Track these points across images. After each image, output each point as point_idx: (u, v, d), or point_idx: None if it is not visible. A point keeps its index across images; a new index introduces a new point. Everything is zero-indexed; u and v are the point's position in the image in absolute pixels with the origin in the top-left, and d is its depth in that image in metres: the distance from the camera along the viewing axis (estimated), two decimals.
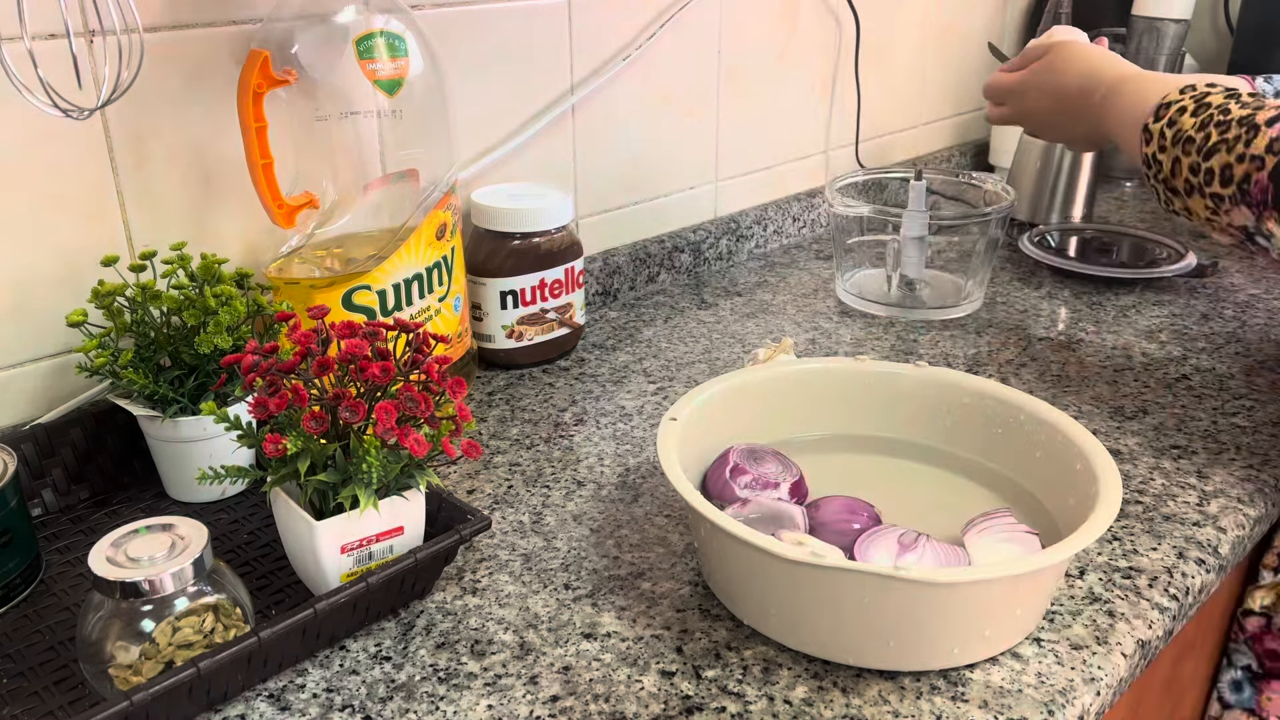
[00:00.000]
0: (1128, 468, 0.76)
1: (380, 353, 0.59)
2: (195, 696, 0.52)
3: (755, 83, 1.18)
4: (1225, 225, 0.72)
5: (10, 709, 0.53)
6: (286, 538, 0.61)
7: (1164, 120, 0.74)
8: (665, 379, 0.91)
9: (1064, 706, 0.54)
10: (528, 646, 0.58)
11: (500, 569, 0.65)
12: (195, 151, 0.76)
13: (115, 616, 0.52)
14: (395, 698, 0.55)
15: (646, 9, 1.03)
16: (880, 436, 0.75)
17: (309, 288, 0.75)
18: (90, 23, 0.67)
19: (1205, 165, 0.71)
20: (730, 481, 0.66)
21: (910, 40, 1.38)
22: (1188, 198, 0.73)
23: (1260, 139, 0.68)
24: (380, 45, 0.73)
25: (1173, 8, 1.34)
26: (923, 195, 1.01)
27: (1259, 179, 0.67)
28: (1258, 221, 0.69)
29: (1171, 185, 0.74)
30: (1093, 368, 0.92)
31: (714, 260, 1.18)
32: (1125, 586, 0.63)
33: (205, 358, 0.68)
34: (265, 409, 0.56)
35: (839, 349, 0.97)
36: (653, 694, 0.55)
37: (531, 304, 0.91)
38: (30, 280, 0.71)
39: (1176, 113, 0.74)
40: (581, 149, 1.02)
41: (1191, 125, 0.72)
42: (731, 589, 0.60)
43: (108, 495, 0.72)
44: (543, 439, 0.81)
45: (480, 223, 0.90)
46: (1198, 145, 0.71)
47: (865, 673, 0.56)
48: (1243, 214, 0.70)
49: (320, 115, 0.74)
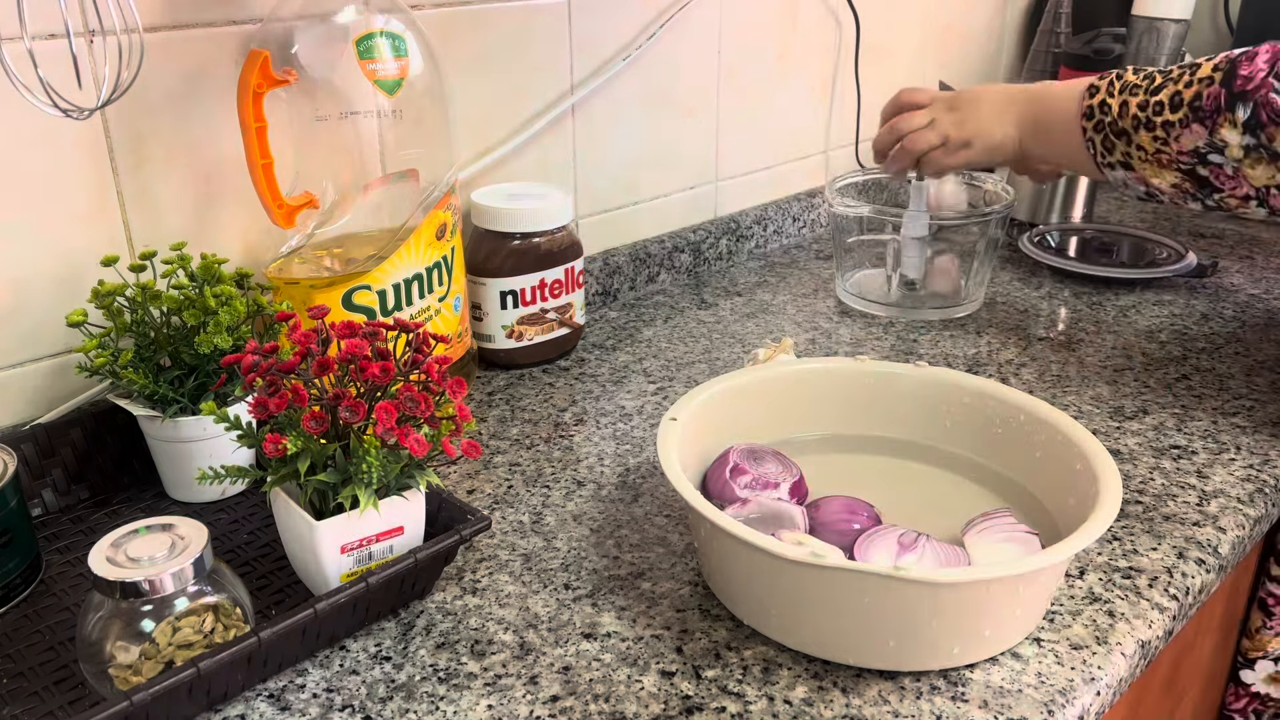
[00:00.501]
0: (1128, 468, 0.76)
1: (380, 353, 0.59)
2: (195, 696, 0.52)
3: (755, 83, 1.18)
4: (1173, 156, 0.77)
5: (10, 709, 0.53)
6: (286, 538, 0.61)
7: (1109, 77, 0.82)
8: (665, 379, 0.91)
9: (1064, 706, 0.54)
10: (528, 646, 0.58)
11: (500, 569, 0.65)
12: (195, 151, 0.76)
13: (115, 616, 0.52)
14: (395, 698, 0.55)
15: (646, 9, 1.03)
16: (880, 436, 0.75)
17: (309, 288, 0.75)
18: (90, 23, 0.67)
19: (1154, 100, 0.77)
20: (730, 481, 0.66)
21: (910, 40, 1.38)
22: (1135, 134, 0.78)
23: (1204, 67, 0.75)
24: (380, 45, 0.73)
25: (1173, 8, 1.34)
26: (923, 195, 1.01)
27: (1210, 92, 0.73)
28: (1210, 134, 0.74)
29: (1118, 128, 0.79)
30: (1093, 368, 0.92)
31: (714, 260, 1.18)
32: (1125, 586, 0.63)
33: (205, 358, 0.68)
34: (265, 409, 0.56)
35: (839, 349, 0.97)
36: (653, 694, 0.55)
37: (531, 304, 0.91)
38: (30, 280, 0.71)
39: (1120, 71, 0.82)
40: (581, 149, 1.02)
41: (1135, 77, 0.80)
42: (731, 589, 0.60)
43: (108, 495, 0.72)
44: (543, 439, 0.81)
45: (480, 223, 0.90)
46: (1144, 88, 0.78)
47: (865, 673, 0.56)
48: (1193, 133, 0.75)
49: (320, 115, 0.74)
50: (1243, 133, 0.72)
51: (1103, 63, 1.37)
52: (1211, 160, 0.75)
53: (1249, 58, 0.73)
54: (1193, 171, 0.77)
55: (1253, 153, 0.73)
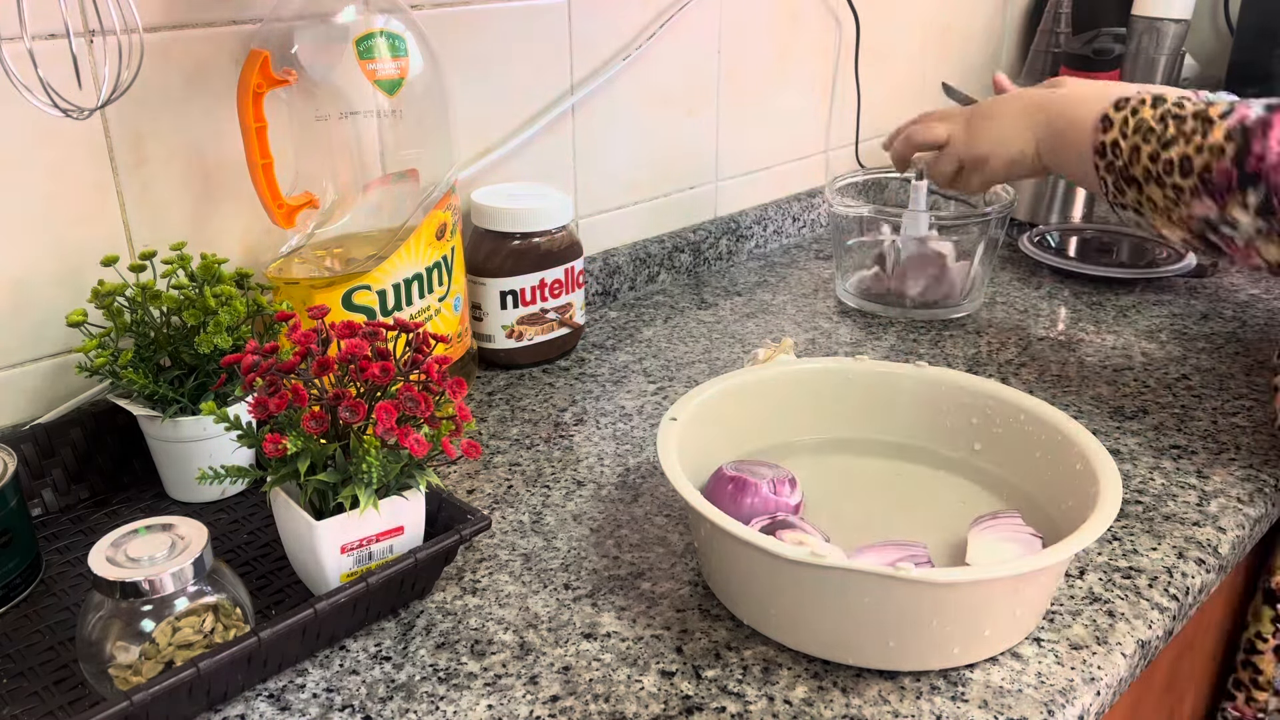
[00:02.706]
0: (1128, 468, 0.76)
1: (380, 353, 0.59)
2: (195, 696, 0.52)
3: (755, 83, 1.18)
4: (1184, 217, 0.72)
5: (10, 709, 0.53)
6: (286, 538, 0.61)
7: (1125, 109, 0.75)
8: (665, 379, 0.91)
9: (1064, 706, 0.54)
10: (528, 646, 0.58)
11: (500, 569, 0.65)
12: (195, 151, 0.76)
13: (115, 616, 0.52)
14: (395, 698, 0.55)
15: (646, 9, 1.03)
16: (880, 437, 0.75)
17: (309, 288, 0.75)
18: (90, 23, 0.67)
19: (1165, 155, 0.72)
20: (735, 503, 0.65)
21: (910, 40, 1.38)
22: (1145, 186, 0.74)
23: (1216, 130, 0.69)
24: (380, 45, 0.73)
25: (1172, 8, 1.34)
26: (923, 195, 1.01)
27: (1220, 166, 0.69)
28: (1221, 210, 0.70)
29: (1128, 174, 0.75)
30: (1093, 368, 0.92)
31: (714, 260, 1.19)
32: (1125, 586, 0.63)
33: (205, 358, 0.68)
34: (265, 409, 0.56)
35: (839, 349, 0.97)
36: (653, 694, 0.55)
37: (531, 304, 0.91)
38: (30, 280, 0.71)
39: (1137, 103, 0.75)
40: (581, 149, 1.02)
41: (1152, 116, 0.74)
42: (731, 589, 0.60)
43: (108, 495, 0.72)
44: (543, 439, 0.81)
45: (480, 223, 0.90)
46: (1158, 135, 0.72)
47: (865, 673, 0.56)
48: (1205, 205, 0.70)
49: (320, 115, 0.74)
50: (1255, 215, 0.68)
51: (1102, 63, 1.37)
52: (1223, 232, 0.71)
53: (1263, 129, 0.67)
54: (1203, 236, 0.73)
55: (1265, 234, 0.69)
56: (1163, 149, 0.72)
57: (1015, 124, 0.86)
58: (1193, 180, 0.70)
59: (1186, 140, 0.71)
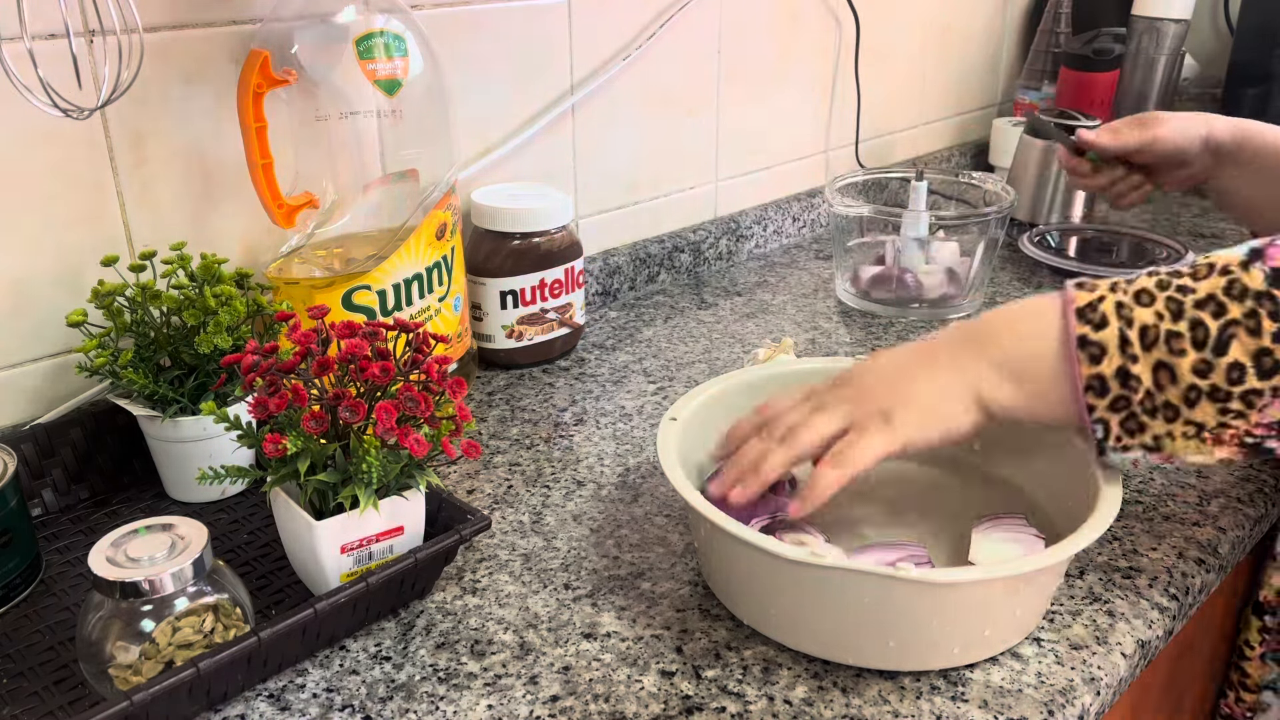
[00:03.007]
0: (1127, 468, 0.76)
1: (380, 353, 0.59)
2: (195, 696, 0.52)
3: (755, 83, 1.18)
4: (1246, 430, 0.54)
5: (10, 709, 0.53)
6: (286, 538, 0.61)
7: (1107, 324, 0.55)
8: (665, 379, 0.91)
9: (1064, 706, 0.54)
10: (528, 646, 0.58)
11: (500, 569, 0.65)
12: (195, 151, 0.76)
13: (115, 616, 0.52)
14: (395, 698, 0.55)
15: (646, 9, 1.03)
16: None
17: (309, 288, 0.75)
18: (90, 23, 0.67)
19: (1223, 361, 0.53)
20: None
21: (910, 40, 1.38)
22: (1188, 409, 0.54)
23: (1266, 329, 0.53)
24: (380, 45, 0.73)
25: (1172, 8, 1.34)
26: (923, 195, 1.01)
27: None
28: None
29: (1154, 403, 0.55)
30: None
31: (714, 260, 1.19)
32: (1125, 586, 0.63)
33: (205, 358, 0.68)
34: (265, 409, 0.56)
35: (839, 349, 0.97)
36: (653, 694, 0.55)
37: (531, 304, 0.91)
38: (30, 280, 0.71)
39: (1113, 307, 0.56)
40: (581, 149, 1.02)
41: (1153, 315, 0.55)
42: (731, 589, 0.60)
43: (108, 495, 0.72)
44: (543, 439, 0.81)
45: (480, 223, 0.90)
46: (1193, 338, 0.54)
47: (865, 673, 0.56)
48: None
49: (320, 115, 0.74)
50: None
51: (1102, 63, 1.37)
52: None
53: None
54: (1259, 445, 0.55)
55: None
56: (1216, 356, 0.53)
57: (923, 364, 0.61)
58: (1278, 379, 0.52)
59: (1250, 332, 0.53)
